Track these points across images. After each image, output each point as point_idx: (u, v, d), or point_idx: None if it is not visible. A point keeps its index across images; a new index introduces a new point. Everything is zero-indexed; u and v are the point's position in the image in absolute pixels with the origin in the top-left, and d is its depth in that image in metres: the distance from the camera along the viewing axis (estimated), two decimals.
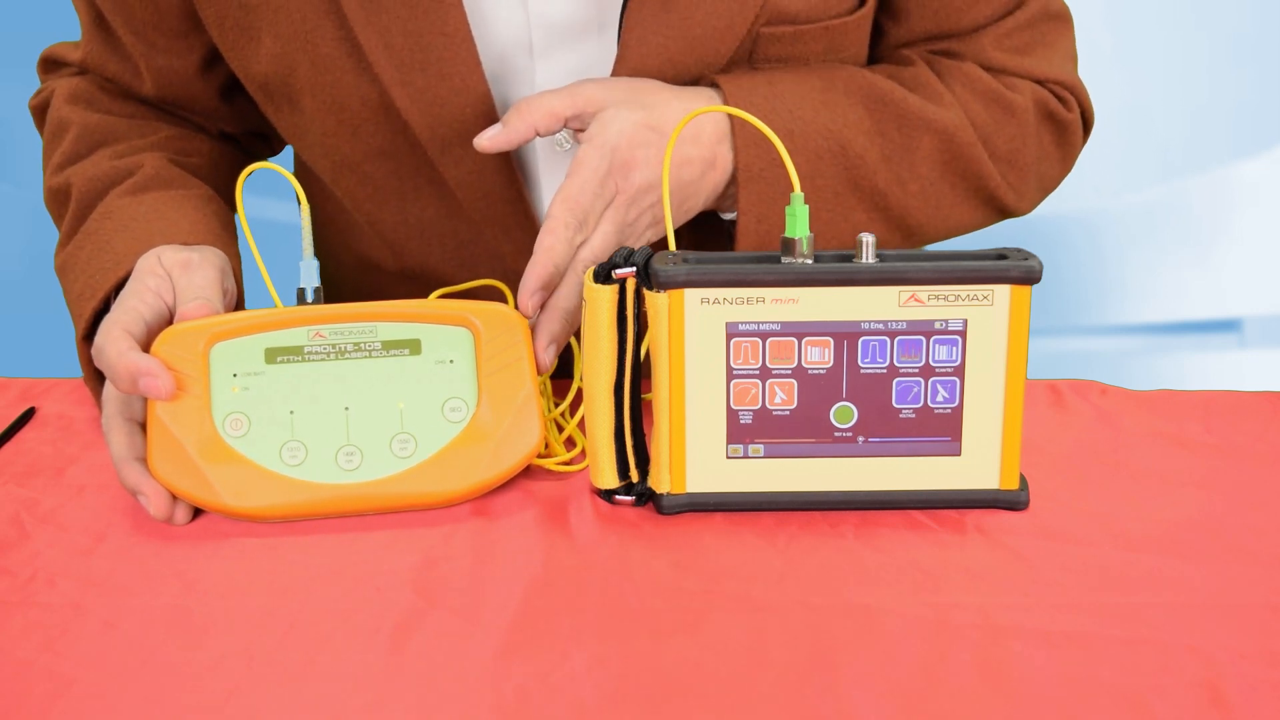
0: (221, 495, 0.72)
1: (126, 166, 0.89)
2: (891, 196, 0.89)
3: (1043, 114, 0.95)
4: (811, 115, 0.86)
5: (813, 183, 0.86)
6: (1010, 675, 0.58)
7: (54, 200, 0.92)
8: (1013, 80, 0.94)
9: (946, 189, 0.92)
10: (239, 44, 0.87)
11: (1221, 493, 0.75)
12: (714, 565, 0.68)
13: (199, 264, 0.79)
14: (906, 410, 0.71)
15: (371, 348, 0.76)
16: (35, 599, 0.66)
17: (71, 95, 0.96)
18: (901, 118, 0.89)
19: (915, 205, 0.91)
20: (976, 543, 0.70)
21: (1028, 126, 0.93)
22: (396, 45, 0.83)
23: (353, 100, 0.86)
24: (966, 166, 0.91)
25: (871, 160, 0.88)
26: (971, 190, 0.93)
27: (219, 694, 0.58)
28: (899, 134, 0.89)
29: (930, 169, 0.90)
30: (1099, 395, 0.88)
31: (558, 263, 0.77)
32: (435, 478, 0.74)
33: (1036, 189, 0.98)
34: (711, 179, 0.84)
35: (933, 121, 0.89)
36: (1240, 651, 0.59)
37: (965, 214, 0.94)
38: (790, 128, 0.85)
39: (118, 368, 0.72)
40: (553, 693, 0.57)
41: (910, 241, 0.94)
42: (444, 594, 0.65)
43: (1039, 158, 0.95)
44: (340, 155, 0.90)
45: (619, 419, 0.73)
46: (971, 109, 0.91)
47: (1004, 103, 0.92)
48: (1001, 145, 0.92)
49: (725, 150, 0.84)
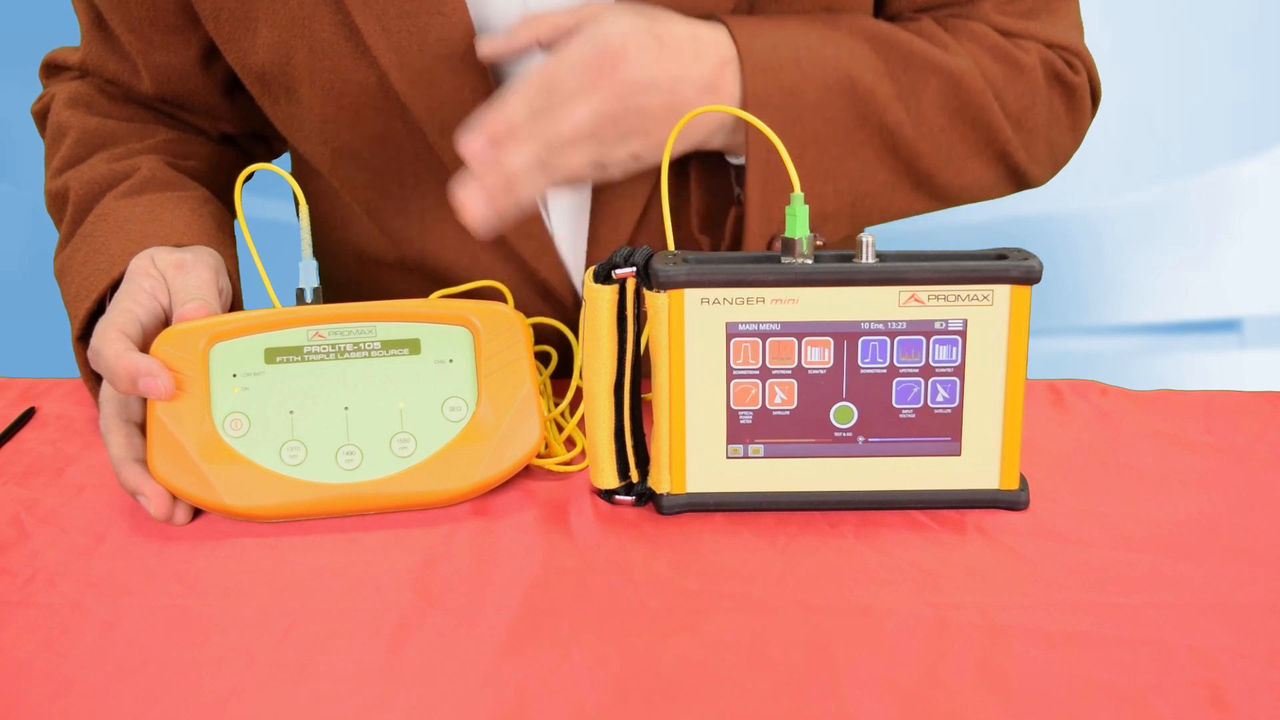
0: (221, 495, 0.72)
1: (123, 169, 0.89)
2: (901, 137, 0.87)
3: (1051, 75, 0.93)
4: (819, 46, 0.84)
5: (821, 113, 0.84)
6: (1010, 675, 0.58)
7: (53, 204, 0.93)
8: (1019, 41, 0.92)
9: (956, 138, 0.89)
10: (235, 35, 0.87)
11: (1221, 493, 0.75)
12: (714, 565, 0.68)
13: (193, 264, 0.79)
14: (906, 410, 0.71)
15: (371, 348, 0.76)
16: (35, 599, 0.66)
17: (71, 99, 0.96)
18: (908, 58, 0.86)
19: (926, 150, 0.88)
20: (976, 543, 0.70)
21: (1037, 85, 0.92)
22: (394, 27, 0.83)
23: (351, 85, 0.86)
24: (976, 115, 0.89)
25: (881, 96, 0.85)
26: (982, 143, 0.91)
27: (219, 694, 0.58)
28: (906, 75, 0.86)
29: (939, 114, 0.88)
30: (1099, 395, 0.88)
31: (510, 117, 0.74)
32: (435, 477, 0.74)
33: (1048, 156, 0.96)
34: (713, 102, 0.80)
35: (940, 64, 0.87)
36: (1240, 651, 0.59)
37: (977, 169, 0.92)
38: (798, 56, 0.83)
39: (116, 369, 0.72)
40: (553, 693, 0.57)
41: (920, 193, 0.91)
42: (444, 594, 0.65)
43: (1049, 121, 0.94)
44: (339, 143, 0.90)
45: (619, 419, 0.73)
46: (981, 61, 0.89)
47: (1012, 60, 0.90)
48: (1011, 101, 0.91)
49: (730, 76, 0.81)
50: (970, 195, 0.94)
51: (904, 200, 0.91)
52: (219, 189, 0.94)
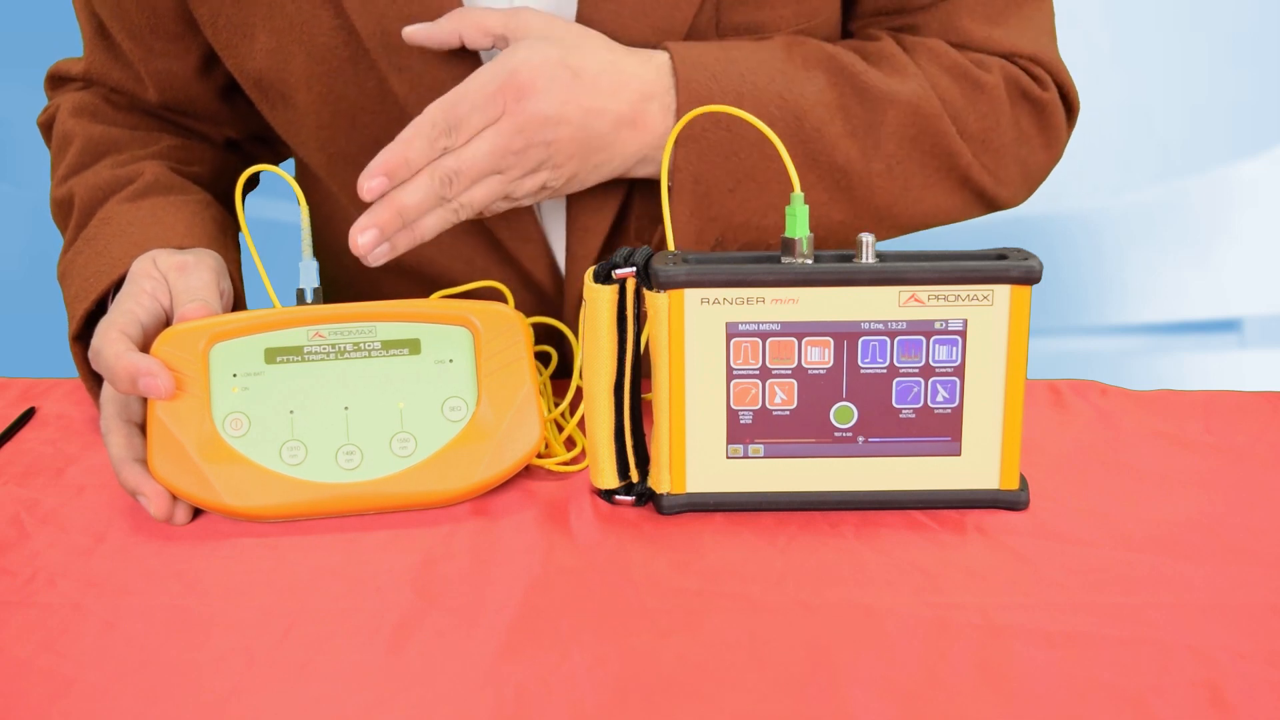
0: (221, 495, 0.72)
1: (127, 174, 0.90)
2: (854, 174, 0.85)
3: (1016, 93, 0.90)
4: (765, 83, 0.82)
5: (761, 150, 0.82)
6: (1010, 675, 0.58)
7: (59, 211, 0.93)
8: (981, 58, 0.90)
9: (915, 167, 0.87)
10: (234, 41, 0.88)
11: (1221, 493, 0.75)
12: (714, 565, 0.68)
13: (195, 266, 0.79)
14: (906, 410, 0.71)
15: (371, 348, 0.76)
16: (35, 599, 0.66)
17: (76, 109, 0.97)
18: (864, 91, 0.84)
19: (881, 185, 0.86)
20: (976, 543, 0.70)
21: (1000, 104, 0.89)
22: (392, 31, 0.83)
23: (350, 90, 0.86)
24: (934, 142, 0.87)
25: (831, 135, 0.84)
26: (943, 170, 0.89)
27: (219, 694, 0.58)
28: (861, 108, 0.84)
29: (897, 145, 0.86)
30: (1099, 395, 0.88)
31: (410, 156, 0.74)
32: (435, 477, 0.74)
33: (1020, 176, 0.93)
34: (631, 138, 0.79)
35: (896, 94, 0.85)
36: (1240, 651, 0.59)
37: (940, 197, 0.90)
38: (740, 90, 0.81)
39: (116, 369, 0.72)
40: (553, 693, 0.57)
41: (883, 227, 0.90)
42: (444, 594, 0.65)
43: (1017, 140, 0.91)
44: (336, 148, 0.90)
45: (619, 419, 0.73)
46: (939, 83, 0.87)
47: (972, 79, 0.88)
48: (973, 123, 0.88)
49: (654, 110, 0.80)
50: (936, 221, 0.93)
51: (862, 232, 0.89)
52: (222, 194, 0.95)
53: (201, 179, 0.95)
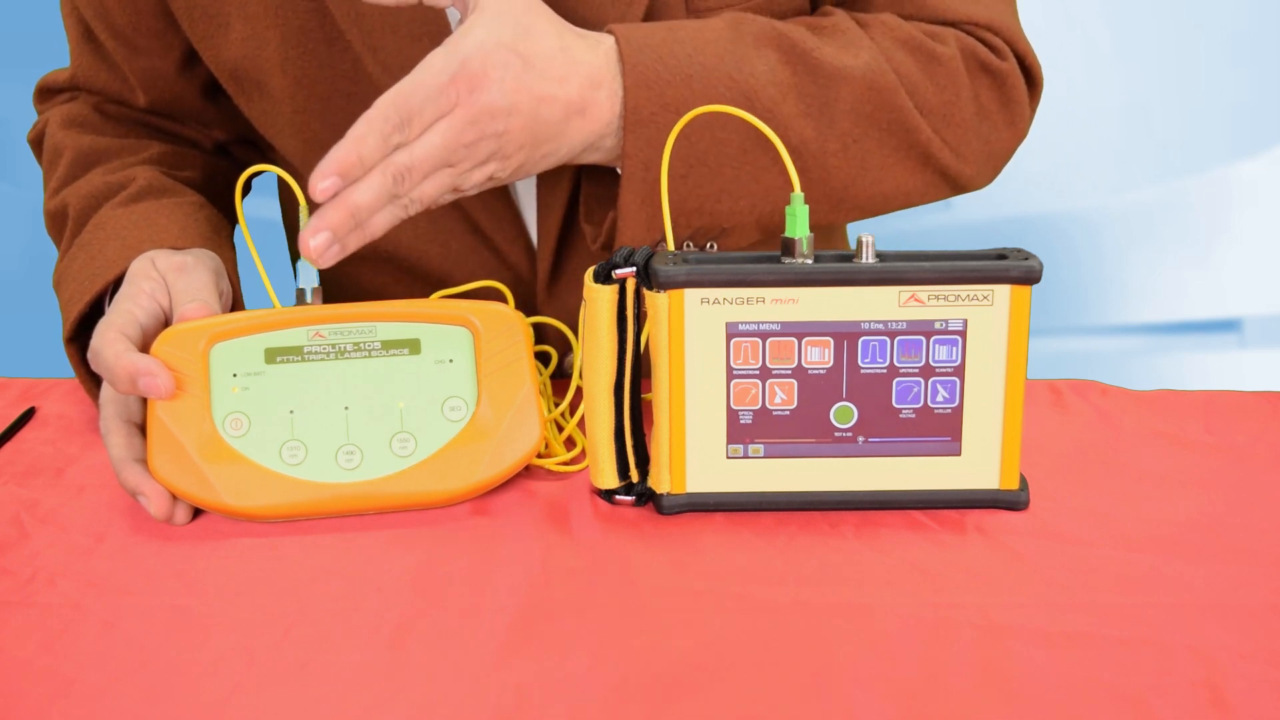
0: (221, 495, 0.72)
1: (119, 180, 0.90)
2: (809, 154, 0.82)
3: (975, 66, 0.88)
4: (714, 63, 0.80)
5: (712, 133, 0.80)
6: (1010, 675, 0.58)
7: (53, 223, 0.94)
8: (936, 30, 0.87)
9: (872, 145, 0.85)
10: (209, 32, 0.88)
11: (1221, 493, 0.75)
12: (714, 565, 0.68)
13: (194, 267, 0.79)
14: (906, 410, 0.71)
15: (371, 347, 0.76)
16: (35, 599, 0.66)
17: (66, 121, 0.97)
18: (816, 68, 0.82)
19: (837, 165, 0.84)
20: (976, 543, 0.70)
21: (958, 76, 0.87)
22: (366, 10, 0.83)
23: (324, 72, 0.87)
24: (891, 118, 0.85)
25: (784, 113, 0.81)
26: (902, 147, 0.86)
27: (219, 694, 0.58)
28: (815, 85, 0.82)
29: (852, 123, 0.83)
30: (1099, 395, 0.88)
31: (363, 154, 0.71)
32: (435, 477, 0.74)
33: (983, 155, 0.91)
34: (580, 126, 0.77)
35: (850, 70, 0.82)
36: (1240, 651, 0.59)
37: (901, 177, 0.87)
38: (689, 72, 0.79)
39: (116, 369, 0.72)
40: (553, 692, 0.57)
41: (843, 208, 0.87)
42: (444, 594, 0.65)
43: (978, 115, 0.89)
44: (311, 133, 0.90)
45: (619, 419, 0.73)
46: (894, 57, 0.85)
47: (927, 51, 0.86)
48: (931, 96, 0.86)
49: (603, 97, 0.77)
50: (897, 203, 0.90)
51: (825, 216, 0.87)
52: (214, 199, 0.95)
53: (193, 183, 0.95)
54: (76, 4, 0.94)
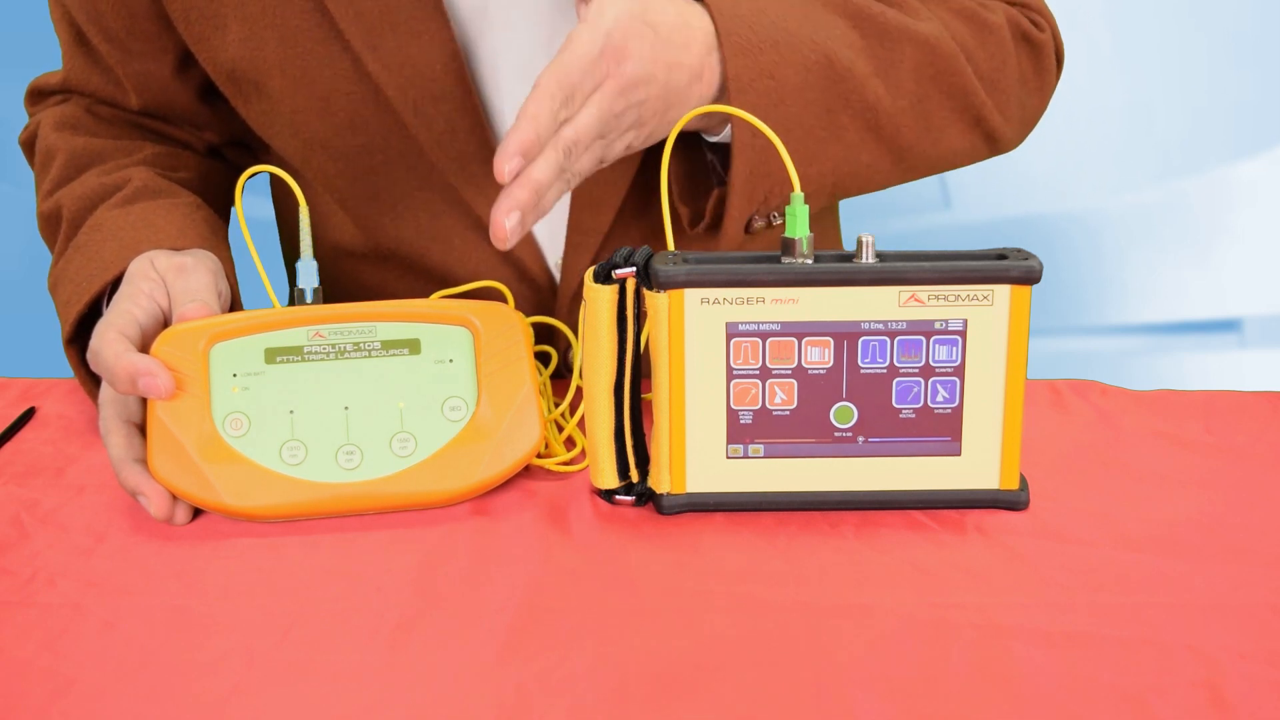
0: (221, 495, 0.72)
1: (115, 182, 0.90)
2: (882, 113, 0.86)
3: (1018, 34, 0.93)
4: (796, 27, 0.83)
5: (803, 96, 0.83)
6: (1010, 675, 0.58)
7: (46, 225, 0.93)
8: (986, 0, 0.93)
9: (934, 105, 0.89)
10: (206, 34, 0.88)
11: (1221, 493, 0.75)
12: (714, 565, 0.68)
13: (193, 267, 0.79)
14: (906, 410, 0.71)
15: (371, 347, 0.76)
16: (35, 599, 0.65)
17: (58, 123, 0.97)
18: (884, 30, 0.86)
19: (905, 123, 0.88)
20: (976, 543, 0.70)
21: (1005, 45, 0.92)
22: (365, 8, 0.84)
23: (324, 71, 0.87)
24: (952, 81, 0.89)
25: (859, 73, 0.85)
26: (959, 108, 0.91)
27: (219, 694, 0.58)
28: (883, 47, 0.86)
29: (917, 83, 0.88)
30: (1099, 395, 0.88)
31: (540, 132, 0.73)
32: (435, 477, 0.74)
33: (1019, 118, 0.96)
34: (698, 90, 0.80)
35: (915, 33, 0.87)
36: (1240, 651, 0.59)
37: (955, 136, 0.92)
38: (776, 39, 0.82)
39: (116, 369, 0.72)
40: (553, 692, 0.57)
41: (901, 168, 0.91)
42: (444, 594, 0.65)
43: (1019, 81, 0.94)
44: (310, 132, 0.90)
45: (619, 419, 0.73)
46: (951, 24, 0.90)
47: (980, 21, 0.91)
48: (983, 63, 0.91)
49: (714, 62, 0.80)
50: (947, 163, 0.94)
51: (884, 176, 0.91)
52: (209, 199, 0.95)
53: (188, 184, 0.94)
54: (68, 7, 0.93)
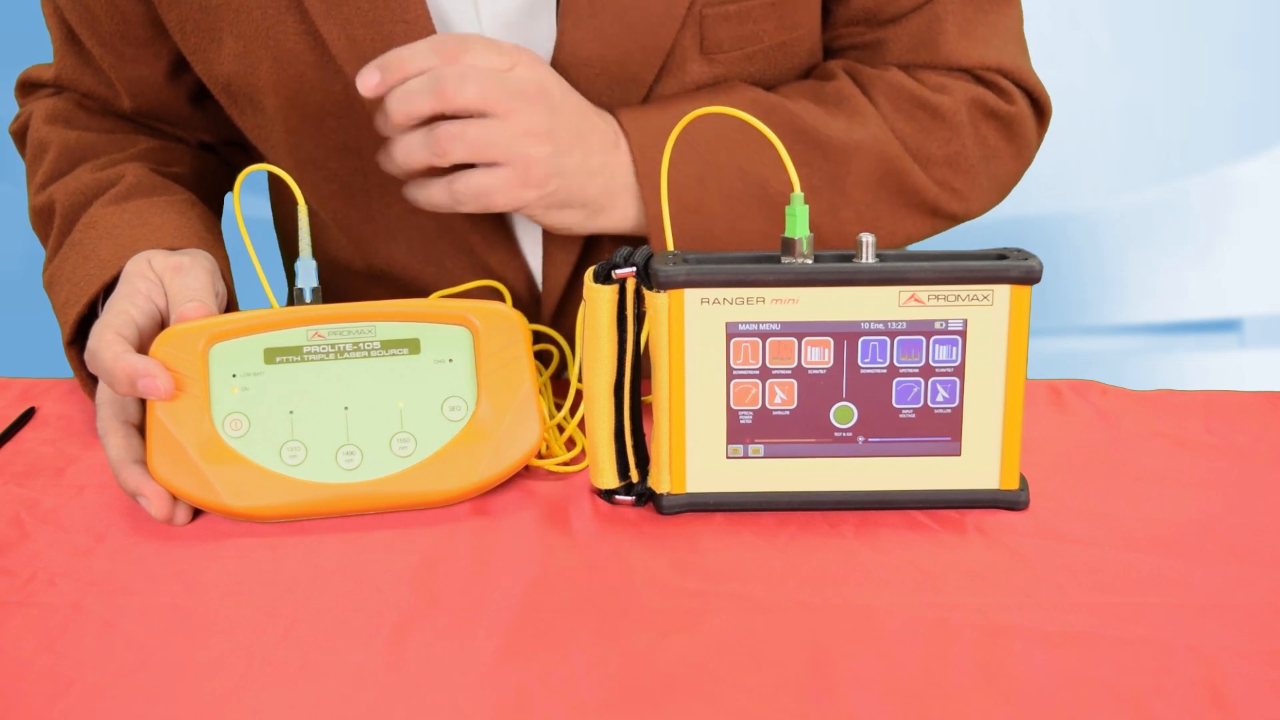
0: (221, 495, 0.72)
1: (109, 178, 0.89)
2: (825, 229, 0.87)
3: (982, 113, 0.92)
4: (727, 156, 0.85)
5: (733, 226, 0.85)
6: (1010, 675, 0.58)
7: (39, 219, 0.93)
8: (942, 82, 0.91)
9: (884, 208, 0.90)
10: (201, 46, 0.88)
11: (1221, 493, 0.75)
12: (714, 565, 0.68)
13: (190, 267, 0.79)
14: (906, 410, 0.71)
15: (370, 347, 0.76)
16: (35, 599, 0.65)
17: (50, 115, 0.96)
18: (825, 147, 0.87)
19: (852, 231, 0.89)
20: (976, 543, 0.70)
21: (962, 128, 0.91)
22: (358, 36, 0.83)
23: (316, 94, 0.86)
24: (899, 182, 0.90)
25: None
26: (910, 205, 0.92)
27: (219, 694, 0.58)
28: (826, 164, 0.87)
29: (863, 192, 0.89)
30: (1099, 395, 0.88)
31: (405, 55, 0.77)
32: (435, 477, 0.74)
33: (991, 189, 0.96)
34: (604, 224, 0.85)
35: (859, 144, 0.88)
36: (1240, 651, 0.59)
37: (909, 226, 0.93)
38: (701, 173, 0.84)
39: (114, 370, 0.72)
40: (553, 693, 0.57)
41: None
42: (444, 594, 0.65)
43: (986, 157, 0.93)
44: (304, 153, 0.90)
45: (619, 419, 0.73)
46: (896, 124, 0.89)
47: (930, 108, 0.90)
48: (936, 150, 0.91)
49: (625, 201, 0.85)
50: (906, 244, 0.95)
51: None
52: (203, 195, 0.94)
53: (182, 179, 0.94)
54: (60, 7, 0.92)
